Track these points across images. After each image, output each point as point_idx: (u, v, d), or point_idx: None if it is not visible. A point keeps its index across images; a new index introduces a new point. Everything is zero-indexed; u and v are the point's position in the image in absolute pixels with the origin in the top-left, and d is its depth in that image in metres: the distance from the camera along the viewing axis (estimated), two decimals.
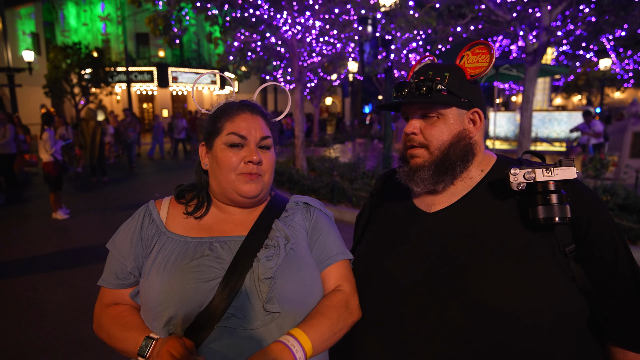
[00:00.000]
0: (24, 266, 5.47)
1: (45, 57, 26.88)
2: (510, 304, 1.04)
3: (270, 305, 1.08)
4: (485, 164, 1.24)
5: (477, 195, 1.20)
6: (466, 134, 1.20)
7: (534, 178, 1.06)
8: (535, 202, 1.06)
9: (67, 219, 7.79)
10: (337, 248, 1.30)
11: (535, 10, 7.60)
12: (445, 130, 1.18)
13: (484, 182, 1.21)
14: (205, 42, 32.53)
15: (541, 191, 1.06)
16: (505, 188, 1.12)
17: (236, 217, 1.24)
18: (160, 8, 9.52)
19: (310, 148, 17.05)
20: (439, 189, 1.22)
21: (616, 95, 32.28)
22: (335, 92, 38.20)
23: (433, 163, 1.19)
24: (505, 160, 1.27)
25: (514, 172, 1.07)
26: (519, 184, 1.07)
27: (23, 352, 3.48)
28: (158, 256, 1.14)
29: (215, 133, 1.21)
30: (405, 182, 1.25)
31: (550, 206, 1.04)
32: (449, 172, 1.19)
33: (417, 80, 1.19)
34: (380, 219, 1.38)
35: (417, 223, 1.24)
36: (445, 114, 1.18)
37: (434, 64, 1.24)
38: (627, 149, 9.66)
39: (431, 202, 1.25)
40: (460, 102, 1.18)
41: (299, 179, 8.90)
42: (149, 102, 32.78)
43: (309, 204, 1.34)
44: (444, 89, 1.16)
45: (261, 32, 10.15)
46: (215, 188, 1.23)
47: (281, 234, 1.18)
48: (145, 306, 1.12)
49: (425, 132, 1.19)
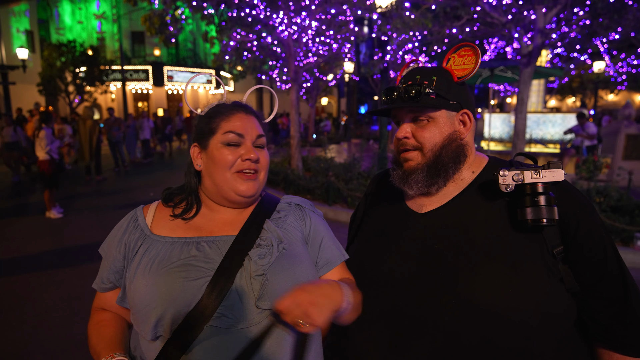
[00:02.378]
0: (17, 265, 5.44)
1: (39, 55, 26.69)
2: (498, 304, 1.05)
3: (262, 302, 1.07)
4: (476, 165, 1.26)
5: (467, 196, 1.21)
6: (457, 135, 1.22)
7: (523, 180, 1.07)
8: (523, 204, 1.08)
9: (60, 218, 7.75)
10: (337, 250, 1.31)
11: (530, 13, 7.65)
12: (436, 132, 1.20)
13: (474, 184, 1.22)
14: (201, 41, 32.43)
15: (529, 193, 1.07)
16: (495, 189, 1.13)
17: (226, 216, 1.24)
18: (156, 6, 9.49)
19: (306, 148, 17.06)
20: (432, 191, 1.23)
21: (610, 98, 32.54)
22: (331, 93, 38.24)
23: (426, 165, 1.20)
24: (496, 162, 1.27)
25: (502, 174, 1.09)
26: (507, 185, 1.08)
27: (15, 351, 3.46)
28: (143, 259, 1.13)
29: (210, 133, 1.21)
30: (399, 185, 1.26)
31: (538, 208, 1.05)
32: (441, 173, 1.20)
33: (405, 85, 1.20)
34: (374, 218, 1.39)
35: (409, 223, 1.26)
36: (435, 116, 1.20)
37: (421, 68, 1.25)
38: (620, 151, 9.75)
39: (423, 203, 1.27)
40: (449, 104, 1.20)
41: (294, 179, 8.90)
42: (144, 101, 32.64)
43: (301, 205, 1.34)
44: (432, 92, 1.18)
45: (257, 32, 10.14)
46: (209, 188, 1.22)
47: (273, 235, 1.17)
48: (133, 309, 1.12)
49: (417, 135, 1.21)
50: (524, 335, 1.05)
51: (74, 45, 22.46)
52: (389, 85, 1.70)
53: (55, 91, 22.44)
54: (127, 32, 31.14)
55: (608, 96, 32.31)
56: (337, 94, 39.09)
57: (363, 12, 9.10)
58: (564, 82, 25.23)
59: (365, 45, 15.90)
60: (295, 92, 10.04)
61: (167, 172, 13.81)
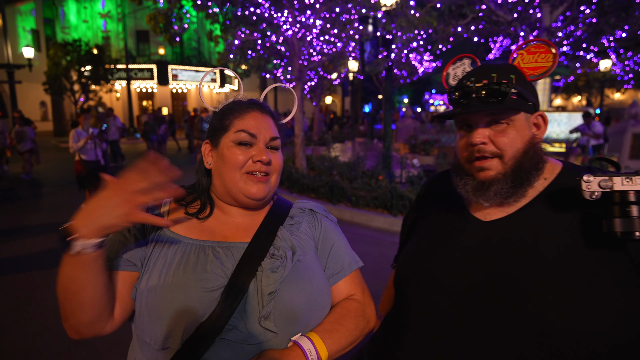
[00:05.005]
0: (23, 263, 5.48)
1: (45, 54, 26.86)
2: (569, 325, 0.96)
3: (266, 321, 1.02)
4: (548, 172, 1.14)
5: (538, 205, 1.10)
6: (536, 140, 1.12)
7: (612, 187, 0.93)
8: (611, 214, 0.93)
9: (67, 215, 7.77)
10: (349, 257, 1.26)
11: (536, 11, 7.60)
12: (517, 137, 1.08)
13: (546, 191, 1.11)
14: (206, 40, 32.46)
15: (619, 202, 0.93)
16: (571, 198, 1.02)
17: (238, 220, 1.18)
18: (160, 5, 9.53)
19: (310, 147, 17.06)
20: (510, 202, 1.11)
21: (616, 97, 32.32)
22: (335, 91, 38.20)
23: (509, 175, 1.09)
24: (572, 167, 1.15)
25: (587, 179, 0.95)
26: (592, 192, 0.95)
27: (22, 349, 3.49)
28: (159, 258, 1.07)
29: (222, 130, 1.15)
30: (474, 197, 1.13)
31: (630, 219, 0.91)
32: (524, 182, 1.09)
33: (481, 84, 1.09)
34: (429, 222, 1.30)
35: (470, 230, 1.16)
36: (515, 119, 1.09)
37: (490, 66, 1.14)
38: (626, 150, 9.68)
39: (488, 210, 1.15)
40: (528, 105, 1.10)
41: (299, 177, 8.91)
42: (149, 100, 32.76)
43: (314, 210, 1.29)
44: (514, 93, 1.07)
45: (262, 31, 10.14)
46: (218, 188, 1.17)
47: (287, 244, 1.12)
48: (144, 313, 1.03)
49: (497, 141, 1.09)
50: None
51: (79, 44, 22.60)
52: (393, 83, 1.59)
53: (61, 90, 22.59)
54: (132, 31, 31.27)
55: (614, 95, 32.10)
56: (341, 93, 39.05)
57: (368, 10, 9.08)
58: (569, 80, 25.04)
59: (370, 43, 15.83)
60: (299, 90, 10.04)
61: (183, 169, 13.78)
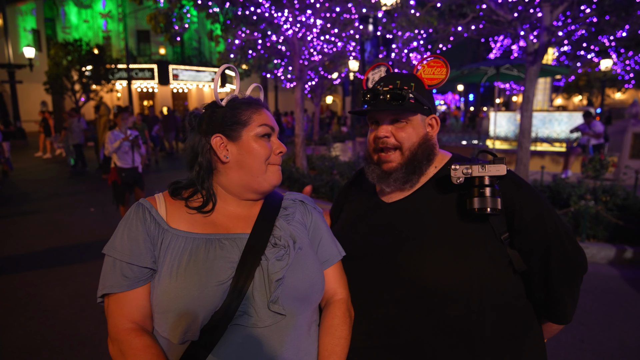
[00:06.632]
0: (24, 262, 5.49)
1: (46, 54, 26.88)
2: (442, 283, 1.21)
3: (274, 305, 1.08)
4: (439, 161, 1.41)
5: (428, 188, 1.37)
6: (429, 136, 1.37)
7: (471, 173, 1.21)
8: (471, 194, 1.22)
9: (66, 215, 7.80)
10: (336, 248, 1.35)
11: (536, 11, 7.59)
12: (413, 133, 1.34)
13: (435, 177, 1.38)
14: (206, 40, 32.48)
15: (477, 185, 1.21)
16: (450, 182, 1.26)
17: (238, 211, 1.22)
18: (161, 5, 9.53)
19: (311, 146, 17.06)
20: (407, 187, 1.37)
21: (617, 96, 32.29)
22: (336, 91, 38.17)
23: (405, 164, 1.34)
24: (458, 158, 1.42)
25: (454, 168, 1.23)
26: (457, 178, 1.23)
27: (23, 348, 3.49)
28: (167, 256, 1.08)
29: (241, 124, 1.18)
30: (378, 183, 1.39)
31: (484, 198, 1.19)
32: (417, 170, 1.34)
33: (387, 89, 1.32)
34: (350, 206, 1.57)
35: (377, 210, 1.43)
36: (412, 119, 1.35)
37: (396, 74, 1.39)
38: (627, 150, 9.66)
39: (390, 194, 1.42)
40: (423, 109, 1.35)
41: (299, 177, 8.91)
42: (150, 100, 32.78)
43: (304, 201, 1.37)
44: (412, 97, 1.31)
45: (262, 30, 10.15)
46: (235, 180, 1.18)
47: (287, 234, 1.19)
48: (160, 309, 1.07)
49: (397, 135, 1.34)
50: (463, 308, 1.21)
51: (80, 44, 22.59)
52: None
53: (62, 90, 22.57)
54: (133, 30, 31.28)
55: (615, 94, 32.06)
56: (341, 93, 39.03)
57: (368, 10, 9.08)
58: (570, 80, 25.04)
59: (370, 43, 15.80)
60: (300, 90, 10.04)
61: (175, 171, 13.85)
